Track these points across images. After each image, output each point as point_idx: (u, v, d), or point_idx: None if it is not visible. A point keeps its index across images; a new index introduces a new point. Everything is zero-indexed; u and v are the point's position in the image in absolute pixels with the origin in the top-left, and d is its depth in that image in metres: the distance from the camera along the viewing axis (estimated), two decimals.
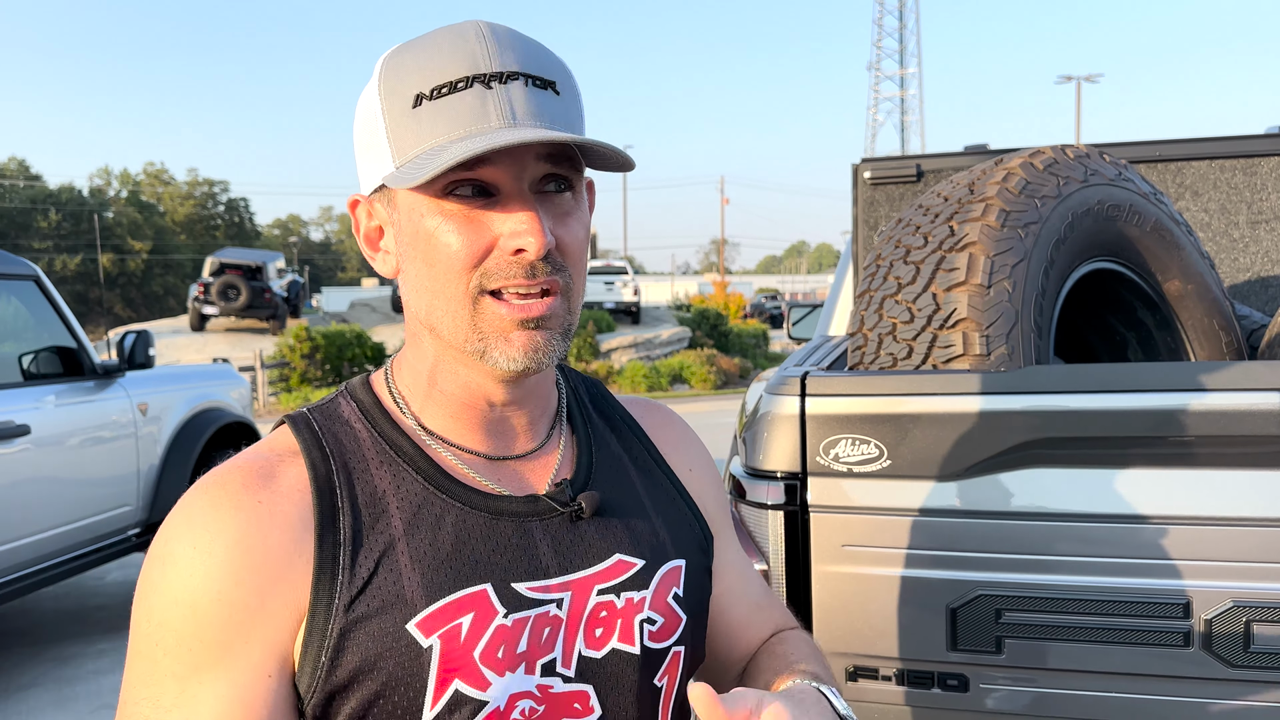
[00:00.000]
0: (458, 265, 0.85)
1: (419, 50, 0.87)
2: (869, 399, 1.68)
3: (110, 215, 61.05)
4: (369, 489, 0.89)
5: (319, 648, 0.84)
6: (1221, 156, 2.94)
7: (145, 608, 0.84)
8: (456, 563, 0.88)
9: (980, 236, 1.84)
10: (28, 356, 4.86)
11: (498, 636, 0.87)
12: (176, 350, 20.01)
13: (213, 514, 0.84)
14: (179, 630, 0.82)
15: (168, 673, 0.82)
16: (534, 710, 0.89)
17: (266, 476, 0.87)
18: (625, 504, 1.00)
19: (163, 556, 0.85)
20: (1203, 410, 1.55)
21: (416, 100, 0.85)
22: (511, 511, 0.92)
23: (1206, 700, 1.58)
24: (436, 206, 0.86)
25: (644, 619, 0.96)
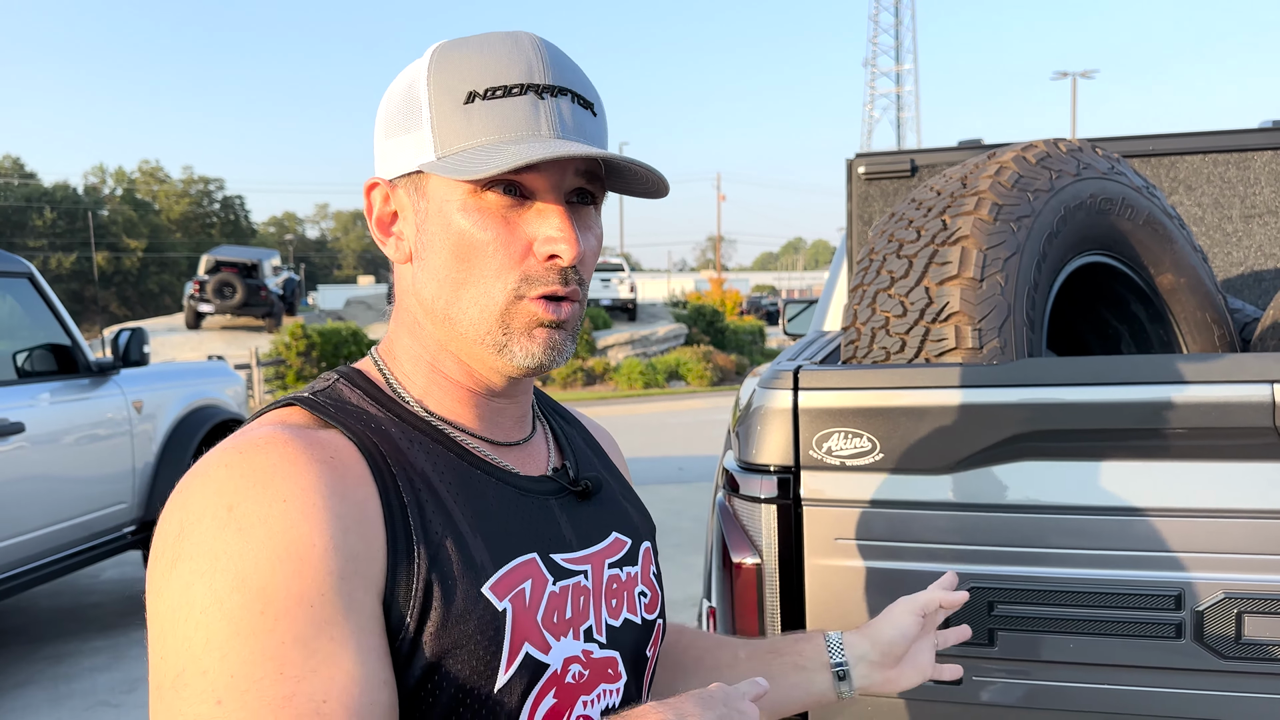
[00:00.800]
0: (496, 261, 0.88)
1: (474, 49, 0.89)
2: (862, 393, 1.68)
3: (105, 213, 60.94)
4: (406, 464, 0.88)
5: (408, 590, 0.82)
6: (1215, 151, 2.94)
7: (227, 580, 0.75)
8: (507, 532, 0.90)
9: (973, 230, 1.85)
10: (22, 354, 4.85)
11: (551, 602, 0.91)
12: (172, 348, 19.99)
13: (293, 468, 0.80)
14: (291, 590, 0.76)
15: (287, 638, 0.75)
16: (582, 674, 0.93)
17: (315, 438, 0.84)
18: (606, 490, 1.07)
19: (230, 522, 0.77)
20: (1195, 403, 1.56)
21: (469, 97, 0.87)
22: (532, 489, 0.96)
23: (1199, 692, 1.59)
24: (475, 202, 0.87)
25: (639, 591, 1.04)
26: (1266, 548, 1.54)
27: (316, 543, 0.77)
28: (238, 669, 0.73)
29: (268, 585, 0.75)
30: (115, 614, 5.68)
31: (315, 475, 0.80)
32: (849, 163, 3.22)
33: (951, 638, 1.28)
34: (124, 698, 4.45)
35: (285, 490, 0.78)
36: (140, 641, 5.19)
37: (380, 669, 0.79)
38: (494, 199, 0.87)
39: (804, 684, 1.19)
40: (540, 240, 0.88)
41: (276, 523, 0.77)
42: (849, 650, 1.20)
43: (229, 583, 0.75)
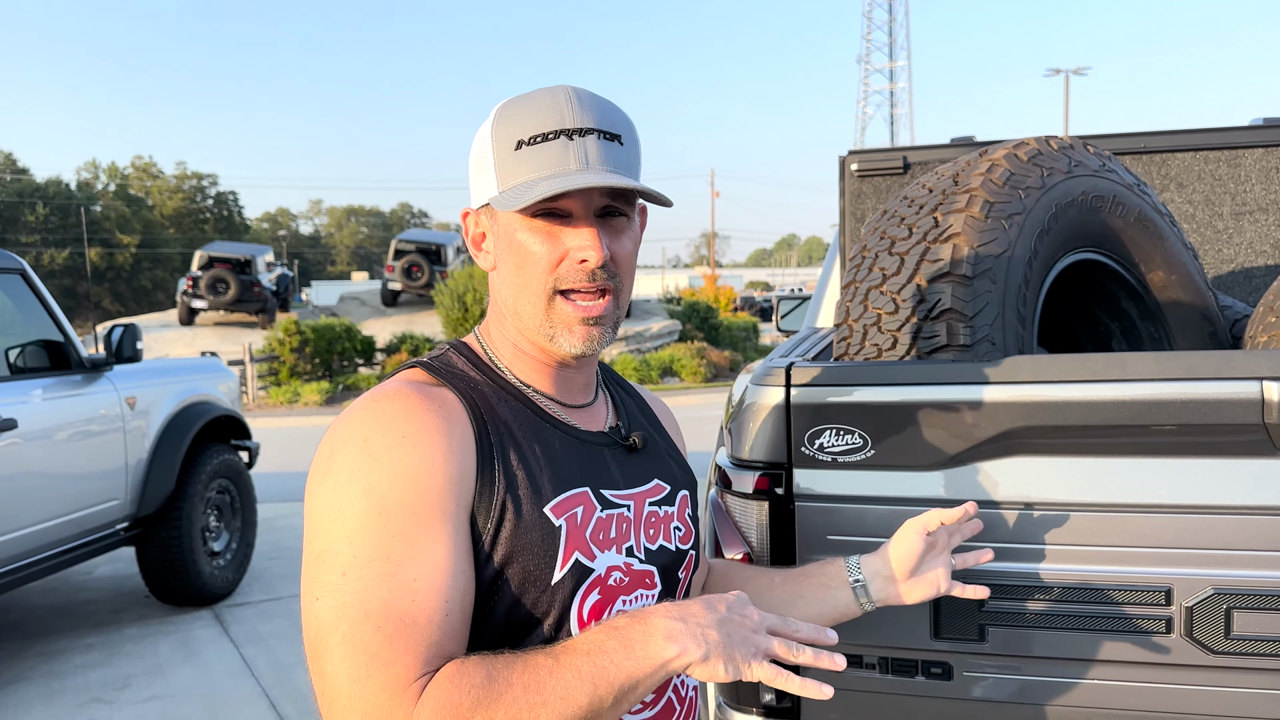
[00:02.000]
0: (540, 268, 1.15)
1: (523, 106, 1.16)
2: (854, 389, 1.69)
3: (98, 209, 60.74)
4: (495, 416, 1.17)
5: (487, 513, 1.11)
6: (1206, 148, 2.95)
7: (360, 490, 1.04)
8: (566, 470, 1.18)
9: (964, 227, 1.85)
10: (14, 350, 4.83)
11: (599, 525, 1.19)
12: (165, 344, 19.93)
13: (409, 413, 1.09)
14: (402, 498, 1.05)
15: (395, 533, 1.03)
16: (622, 580, 1.20)
17: (430, 393, 1.14)
18: (653, 447, 1.35)
19: (368, 450, 1.06)
20: (1185, 400, 1.56)
21: (518, 145, 1.14)
22: (591, 440, 1.25)
23: (1188, 686, 1.60)
24: (527, 224, 1.15)
25: (675, 526, 1.31)
26: (1255, 544, 1.55)
27: (424, 467, 1.07)
28: (359, 552, 1.03)
29: (386, 495, 1.05)
30: (108, 611, 5.67)
31: (428, 418, 1.10)
32: (842, 160, 3.22)
33: (970, 560, 1.49)
34: (117, 694, 4.45)
35: (405, 429, 1.08)
36: (132, 638, 5.18)
37: (463, 564, 1.07)
38: (541, 222, 1.15)
39: (831, 600, 1.43)
40: (574, 249, 1.14)
41: (397, 451, 1.07)
42: (865, 569, 1.44)
43: (359, 492, 1.05)
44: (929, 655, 1.68)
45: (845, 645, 1.72)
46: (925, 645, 1.67)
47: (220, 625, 5.38)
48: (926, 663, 1.69)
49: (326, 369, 18.75)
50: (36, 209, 56.66)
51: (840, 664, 1.10)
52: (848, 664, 1.73)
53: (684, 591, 1.34)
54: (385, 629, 1.01)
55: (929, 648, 1.67)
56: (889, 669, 1.71)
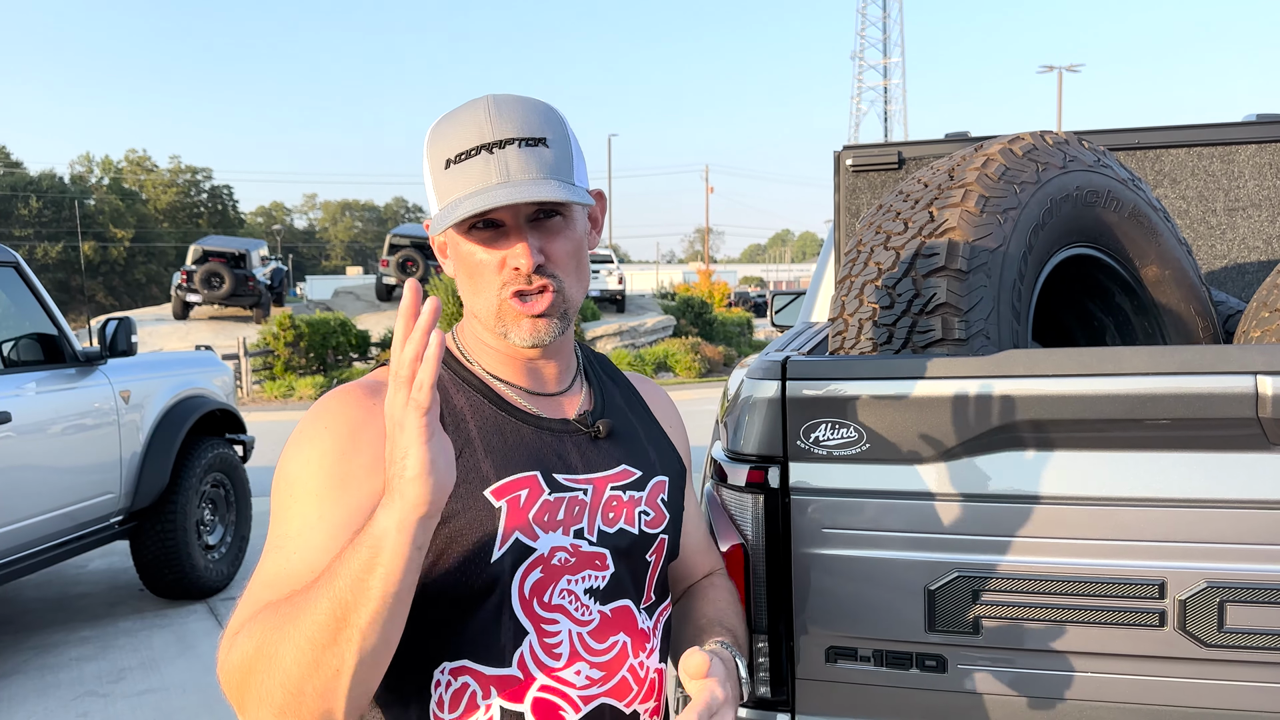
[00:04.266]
0: (485, 276, 1.24)
1: (449, 124, 1.22)
2: (849, 383, 1.69)
3: (92, 203, 60.53)
4: (451, 406, 1.26)
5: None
6: (1199, 144, 2.96)
7: (283, 474, 1.17)
8: (515, 455, 1.25)
9: (960, 222, 1.86)
10: (8, 344, 4.83)
11: (544, 507, 1.24)
12: (160, 338, 19.89)
13: (340, 407, 1.20)
14: (307, 483, 1.15)
15: (295, 514, 1.14)
16: (567, 560, 1.25)
17: (377, 390, 1.22)
18: (627, 433, 1.40)
19: (298, 440, 1.19)
20: (1179, 394, 1.57)
21: (447, 164, 1.21)
22: (550, 428, 1.31)
23: (1181, 679, 1.60)
24: (465, 238, 1.23)
25: (641, 510, 1.35)
26: (1249, 537, 1.56)
27: (333, 452, 1.17)
28: (272, 531, 1.17)
29: (297, 480, 1.17)
30: (102, 604, 5.67)
31: (351, 413, 1.20)
32: (837, 155, 3.22)
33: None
34: (111, 687, 4.45)
35: (328, 420, 1.19)
36: (127, 632, 5.18)
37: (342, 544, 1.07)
38: (476, 236, 1.22)
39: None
40: (509, 256, 1.22)
41: (314, 440, 1.18)
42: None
43: (283, 476, 1.18)
44: (923, 648, 1.69)
45: (840, 638, 1.72)
46: (920, 638, 1.68)
47: (215, 619, 5.38)
48: (921, 655, 1.69)
49: (321, 363, 18.73)
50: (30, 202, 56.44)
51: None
52: (841, 657, 1.76)
53: (654, 575, 1.37)
54: (255, 590, 1.13)
55: (923, 640, 1.68)
56: (883, 661, 1.71)
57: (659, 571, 1.38)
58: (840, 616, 1.72)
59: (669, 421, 1.52)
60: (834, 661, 1.74)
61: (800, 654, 1.75)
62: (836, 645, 1.73)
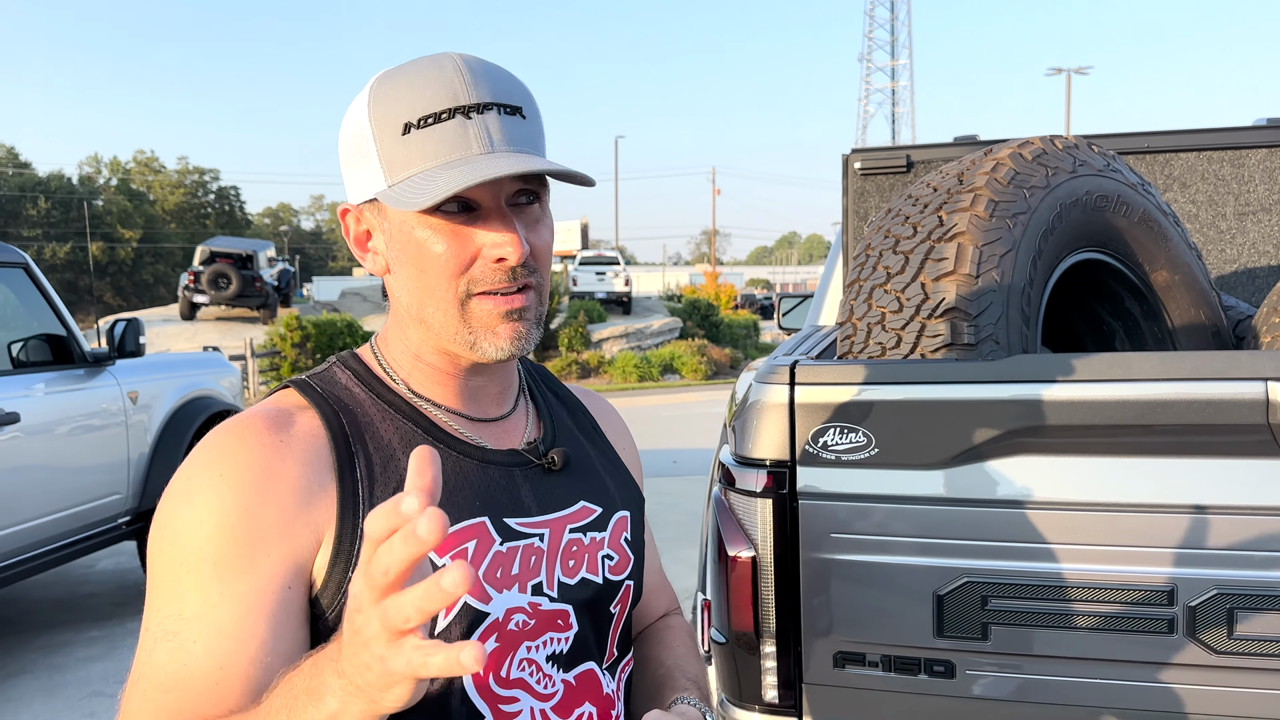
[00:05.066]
0: (447, 272, 0.99)
1: (404, 81, 0.99)
2: (857, 388, 1.69)
3: (100, 203, 60.71)
4: (377, 439, 1.03)
5: (345, 567, 0.96)
6: (1209, 148, 2.95)
7: (170, 535, 0.93)
8: (459, 499, 1.03)
9: (969, 226, 1.85)
10: (17, 344, 4.84)
11: (496, 560, 1.03)
12: (167, 339, 19.94)
13: (238, 447, 0.96)
14: (202, 549, 0.92)
15: (190, 587, 0.92)
16: (526, 623, 1.04)
17: (283, 424, 0.99)
18: (583, 462, 1.18)
19: (185, 491, 0.94)
20: (1188, 399, 1.57)
21: (405, 128, 0.97)
22: (497, 461, 1.08)
23: (1190, 686, 1.60)
24: (426, 221, 0.99)
25: (604, 555, 1.14)
26: (1259, 544, 1.55)
27: (233, 512, 0.93)
28: (157, 604, 0.93)
29: (189, 544, 0.92)
30: (110, 604, 5.68)
31: (255, 456, 0.95)
32: (845, 158, 3.22)
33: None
34: (119, 688, 4.45)
35: (225, 467, 0.95)
36: (134, 632, 5.19)
37: (264, 633, 0.92)
38: (442, 218, 0.98)
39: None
40: (488, 246, 0.98)
41: (210, 493, 0.93)
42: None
43: (169, 538, 0.94)
44: (932, 654, 1.68)
45: (848, 643, 1.72)
46: (928, 643, 1.68)
47: None
48: (929, 661, 1.69)
49: None
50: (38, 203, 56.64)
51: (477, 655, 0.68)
52: (849, 662, 1.76)
53: (619, 628, 1.17)
54: (150, 695, 0.91)
55: (932, 646, 1.68)
56: (891, 667, 1.71)
57: (623, 623, 1.19)
58: (848, 621, 1.71)
59: (622, 443, 1.32)
60: (842, 666, 1.73)
61: (808, 659, 1.74)
62: (845, 650, 1.73)
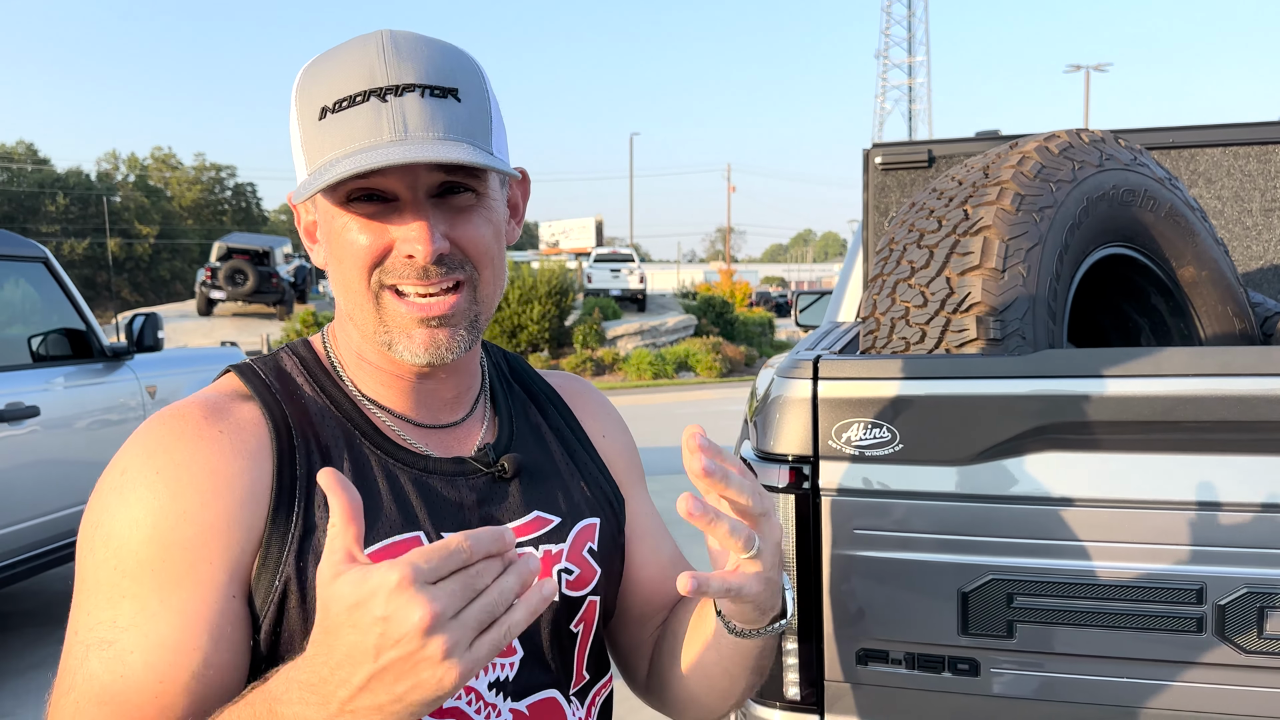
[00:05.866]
0: (359, 264, 0.93)
1: (327, 63, 0.93)
2: (881, 383, 1.67)
3: (118, 199, 61.06)
4: (315, 438, 0.96)
5: (273, 575, 0.90)
6: (1235, 143, 2.92)
7: (101, 536, 0.87)
8: (392, 513, 0.96)
9: (995, 220, 1.83)
10: (37, 338, 4.86)
11: None
12: (184, 334, 20.05)
13: (175, 442, 0.89)
14: (139, 552, 0.86)
15: (126, 593, 0.86)
16: None
17: (222, 412, 0.93)
18: (543, 467, 1.10)
19: (119, 485, 0.88)
20: (1217, 396, 1.55)
21: (322, 113, 0.91)
22: (440, 470, 1.01)
23: (1219, 686, 1.58)
24: (341, 212, 0.93)
25: (562, 569, 1.06)
26: None
27: (170, 513, 0.87)
28: (89, 608, 0.87)
29: (124, 546, 0.86)
30: None
31: (193, 450, 0.89)
32: (866, 153, 3.20)
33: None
34: None
35: (160, 462, 0.88)
36: None
37: (206, 645, 0.86)
38: (356, 208, 0.92)
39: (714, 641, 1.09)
40: (399, 241, 0.92)
41: (145, 491, 0.87)
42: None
43: (101, 538, 0.87)
44: (956, 651, 1.67)
45: (871, 640, 1.71)
46: (952, 641, 1.66)
47: None
48: (953, 658, 1.67)
49: None
50: (57, 199, 57.00)
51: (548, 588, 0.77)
52: (872, 659, 1.74)
53: (586, 648, 1.08)
54: (84, 707, 0.86)
55: (955, 643, 1.66)
56: (915, 664, 1.69)
57: (591, 642, 1.10)
58: (871, 619, 1.70)
59: (605, 433, 1.23)
60: (865, 664, 1.72)
61: (830, 656, 1.73)
62: (867, 647, 1.71)
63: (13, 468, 4.36)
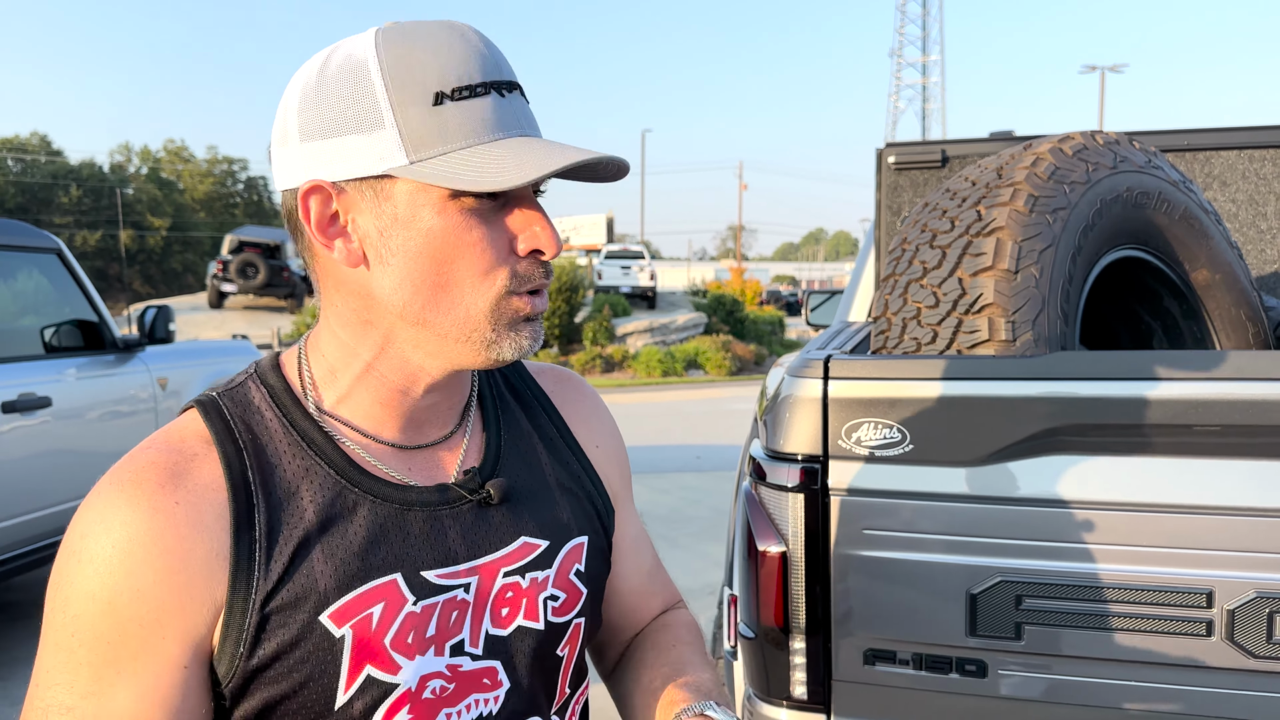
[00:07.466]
0: (482, 265, 0.87)
1: (426, 44, 0.86)
2: (892, 383, 1.67)
3: (130, 192, 61.25)
4: (282, 482, 0.90)
5: (237, 638, 0.87)
6: (1251, 146, 2.91)
7: (61, 599, 0.85)
8: (368, 555, 0.91)
9: (1008, 221, 1.83)
10: (49, 329, 4.88)
11: (407, 623, 0.91)
12: (195, 327, 20.11)
13: (130, 513, 0.85)
14: (95, 625, 0.84)
15: (83, 662, 0.85)
16: (445, 688, 0.93)
17: (181, 475, 0.88)
18: (531, 487, 1.03)
19: (78, 552, 0.85)
20: (1230, 400, 1.54)
21: (438, 98, 0.84)
22: (421, 502, 0.95)
23: (1228, 690, 1.57)
24: (454, 205, 0.86)
25: (548, 596, 1.01)
26: None
27: (125, 590, 0.84)
28: (48, 669, 0.85)
29: (81, 614, 0.84)
30: None
31: (148, 526, 0.85)
32: (879, 152, 3.19)
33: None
34: None
35: (119, 536, 0.84)
36: None
37: (156, 713, 0.85)
38: (472, 201, 0.86)
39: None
40: (525, 238, 0.89)
41: (101, 564, 0.84)
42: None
43: (60, 602, 0.85)
44: (963, 652, 1.67)
45: (879, 640, 1.71)
46: (960, 642, 1.66)
47: None
48: (961, 660, 1.67)
49: None
50: (70, 191, 57.22)
51: None
52: (880, 659, 1.74)
53: (570, 668, 1.06)
54: None
55: (963, 644, 1.66)
56: (922, 665, 1.69)
57: (576, 659, 1.07)
58: (879, 619, 1.70)
59: (594, 433, 1.16)
60: (872, 664, 1.72)
61: (838, 656, 1.73)
62: (875, 648, 1.71)
63: (25, 458, 4.39)
